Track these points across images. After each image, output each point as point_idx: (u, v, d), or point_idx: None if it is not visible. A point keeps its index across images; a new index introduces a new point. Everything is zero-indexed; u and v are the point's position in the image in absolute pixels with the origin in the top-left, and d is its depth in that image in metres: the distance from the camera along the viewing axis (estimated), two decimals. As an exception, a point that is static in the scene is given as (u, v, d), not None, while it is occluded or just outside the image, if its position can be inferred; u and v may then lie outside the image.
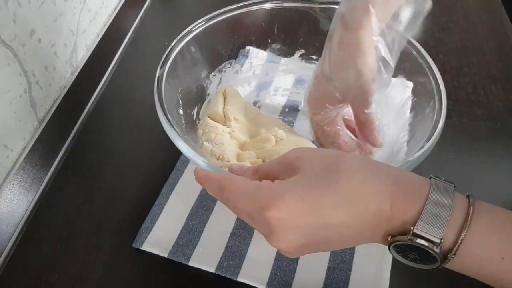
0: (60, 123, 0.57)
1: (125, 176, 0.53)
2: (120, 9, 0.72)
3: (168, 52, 0.48)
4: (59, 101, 0.58)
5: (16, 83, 0.49)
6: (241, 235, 0.47)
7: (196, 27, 0.51)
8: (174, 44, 0.49)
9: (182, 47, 0.49)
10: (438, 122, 0.43)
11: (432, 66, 0.47)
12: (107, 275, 0.45)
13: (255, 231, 0.47)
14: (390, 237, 0.30)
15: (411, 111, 0.49)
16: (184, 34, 0.50)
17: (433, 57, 0.66)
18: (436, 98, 0.45)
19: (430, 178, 0.30)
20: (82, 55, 0.64)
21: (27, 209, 0.50)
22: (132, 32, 0.73)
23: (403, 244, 0.29)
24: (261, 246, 0.46)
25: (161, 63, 0.47)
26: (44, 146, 0.54)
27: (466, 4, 0.77)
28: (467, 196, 0.29)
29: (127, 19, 0.74)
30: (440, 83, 0.46)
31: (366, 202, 0.29)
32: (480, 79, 0.64)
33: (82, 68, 0.62)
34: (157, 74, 0.46)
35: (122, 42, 0.71)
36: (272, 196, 0.29)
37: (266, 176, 0.33)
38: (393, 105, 0.51)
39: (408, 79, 0.50)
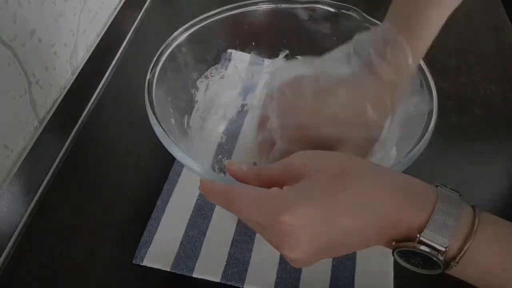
0: (60, 123, 0.57)
1: (125, 176, 0.53)
2: (120, 9, 0.72)
3: (153, 64, 0.47)
4: (59, 101, 0.58)
5: (16, 83, 0.49)
6: (243, 241, 0.46)
7: (181, 33, 0.50)
8: (159, 54, 0.48)
9: (168, 56, 0.48)
10: (432, 114, 0.42)
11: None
12: (108, 275, 0.45)
13: (257, 236, 0.47)
14: (394, 242, 0.30)
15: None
16: (170, 40, 0.49)
17: (432, 57, 0.67)
18: (425, 89, 0.44)
19: (436, 186, 0.30)
20: (82, 55, 0.64)
21: (27, 209, 0.50)
22: (132, 32, 0.73)
23: (407, 250, 0.29)
24: (264, 251, 0.45)
25: (147, 79, 0.46)
26: (44, 146, 0.54)
27: (466, 4, 0.77)
28: (472, 206, 0.30)
29: (127, 19, 0.74)
30: (426, 72, 0.45)
31: (374, 208, 0.29)
32: (480, 79, 0.64)
33: (82, 68, 0.62)
34: (146, 83, 0.45)
35: (122, 42, 0.71)
36: (285, 203, 0.29)
37: (271, 182, 0.32)
38: None
39: None
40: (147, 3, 0.79)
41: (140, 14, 0.77)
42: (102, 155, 0.56)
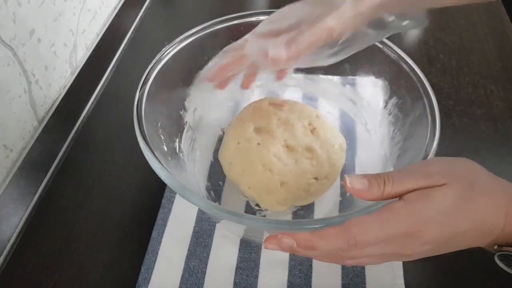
0: (60, 123, 0.57)
1: (125, 176, 0.53)
2: (120, 9, 0.72)
3: (141, 88, 0.45)
4: (59, 101, 0.58)
5: (15, 83, 0.49)
6: (247, 268, 0.44)
7: (167, 51, 0.47)
8: (147, 75, 0.46)
9: (155, 77, 0.46)
10: (435, 127, 0.40)
11: (413, 66, 0.45)
12: (107, 275, 0.45)
13: (261, 261, 0.45)
14: (496, 246, 0.31)
15: (398, 113, 0.47)
16: (156, 61, 0.47)
17: (433, 57, 0.67)
18: (425, 99, 0.43)
19: None
20: (82, 55, 0.64)
21: (27, 209, 0.50)
22: (132, 32, 0.73)
23: (509, 254, 0.31)
24: (270, 276, 0.44)
25: (135, 106, 0.44)
26: (43, 146, 0.54)
27: (466, 4, 0.77)
28: None
29: (127, 19, 0.74)
30: (425, 82, 0.43)
31: (486, 213, 0.30)
32: (480, 79, 0.64)
33: (82, 68, 0.62)
34: (134, 114, 0.43)
35: (122, 42, 0.71)
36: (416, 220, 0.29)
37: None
38: (377, 109, 0.49)
39: (389, 82, 0.48)
40: (146, 3, 0.79)
41: (140, 14, 0.77)
42: (102, 155, 0.56)
